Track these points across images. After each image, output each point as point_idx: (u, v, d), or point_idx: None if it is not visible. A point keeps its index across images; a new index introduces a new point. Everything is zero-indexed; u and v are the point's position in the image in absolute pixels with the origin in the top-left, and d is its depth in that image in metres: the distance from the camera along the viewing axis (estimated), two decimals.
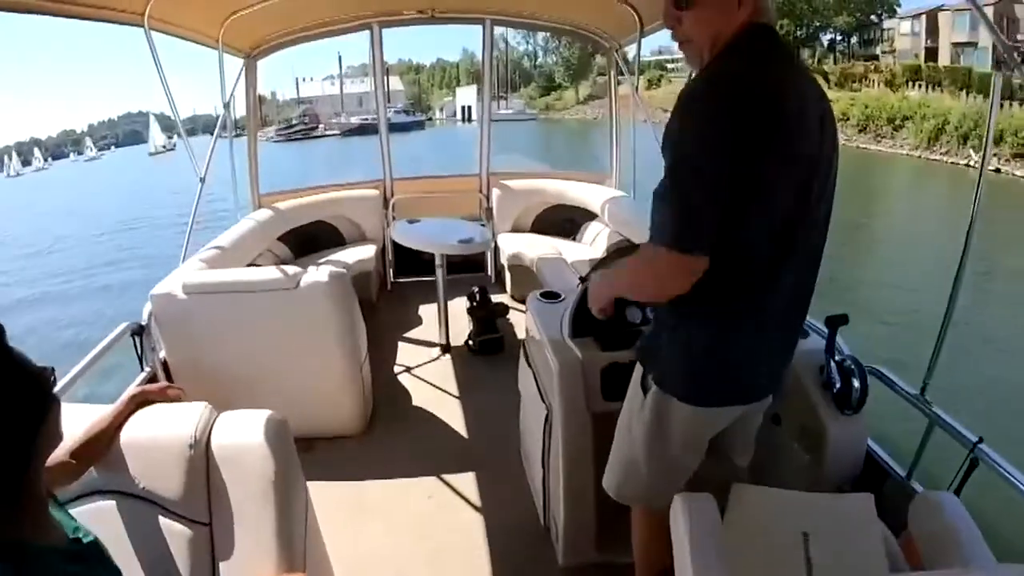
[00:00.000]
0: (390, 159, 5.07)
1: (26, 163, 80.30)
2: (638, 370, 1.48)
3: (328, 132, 54.77)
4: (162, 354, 2.80)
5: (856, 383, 1.75)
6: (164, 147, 67.28)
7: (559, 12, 4.61)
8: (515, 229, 5.03)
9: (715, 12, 1.19)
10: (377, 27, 4.59)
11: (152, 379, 2.74)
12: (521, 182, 5.06)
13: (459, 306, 4.08)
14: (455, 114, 66.63)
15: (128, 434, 1.48)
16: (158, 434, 1.49)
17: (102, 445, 1.45)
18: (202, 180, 3.59)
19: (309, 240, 4.70)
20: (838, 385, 1.79)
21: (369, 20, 4.55)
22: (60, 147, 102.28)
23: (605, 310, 1.53)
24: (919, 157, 26.42)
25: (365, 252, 4.57)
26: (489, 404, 3.23)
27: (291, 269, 2.74)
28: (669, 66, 55.15)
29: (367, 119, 53.14)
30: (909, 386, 1.88)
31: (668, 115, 1.16)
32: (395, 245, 4.67)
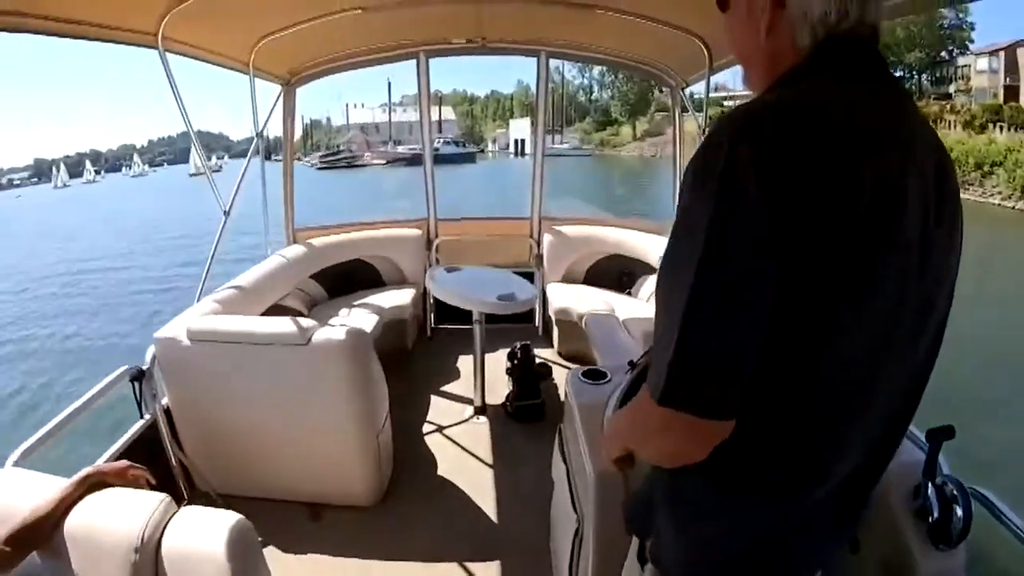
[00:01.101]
0: (435, 198, 4.93)
1: (77, 175, 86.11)
2: (634, 541, 1.17)
3: (374, 161, 55.86)
4: (164, 400, 2.73)
5: (959, 511, 1.40)
6: (199, 170, 71.28)
7: (620, 46, 4.40)
8: (566, 279, 4.78)
9: (739, 23, 0.90)
10: (424, 56, 4.47)
11: (152, 426, 2.66)
12: (575, 229, 4.81)
13: (500, 359, 3.87)
14: (507, 147, 67.53)
15: (75, 521, 1.36)
16: (105, 527, 1.36)
17: (45, 530, 1.34)
18: (226, 213, 3.48)
19: (345, 279, 4.60)
20: (936, 514, 1.44)
21: (416, 49, 4.44)
22: (119, 160, 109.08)
23: (622, 462, 1.13)
24: (1013, 208, 24.98)
25: (403, 296, 4.43)
26: (523, 481, 2.98)
27: (305, 322, 2.58)
28: (726, 103, 55.03)
29: (415, 149, 54.46)
30: (1021, 518, 1.52)
31: None
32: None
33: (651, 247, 4.40)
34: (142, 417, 2.64)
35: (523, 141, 63.08)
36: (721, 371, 0.72)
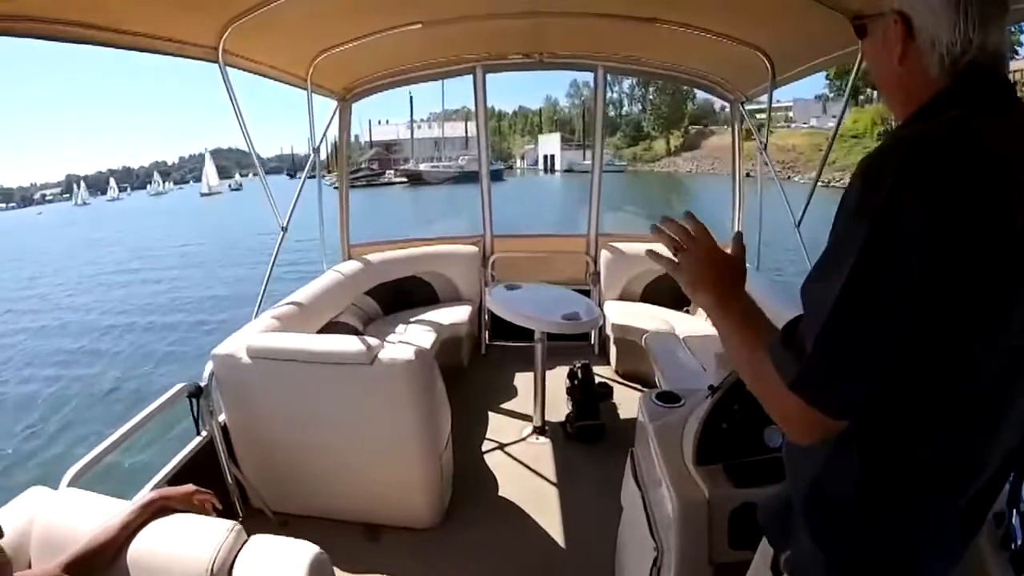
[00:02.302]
0: (491, 214, 5.04)
1: (102, 192, 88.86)
2: (765, 548, 1.17)
3: (395, 180, 55.69)
4: (221, 417, 2.78)
5: None
6: (212, 189, 72.48)
7: (678, 59, 4.47)
8: (623, 297, 4.84)
9: (875, 51, 0.98)
10: (481, 70, 4.61)
11: (208, 443, 2.71)
12: (632, 246, 4.85)
13: (557, 377, 3.91)
14: (536, 163, 67.64)
15: (139, 548, 1.33)
16: (171, 554, 1.34)
17: (108, 556, 1.31)
18: (284, 229, 3.60)
19: (400, 296, 4.72)
20: (1019, 543, 1.43)
21: (473, 63, 4.58)
22: (149, 177, 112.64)
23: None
24: None
25: (459, 313, 4.51)
26: (584, 503, 3.00)
27: (370, 341, 2.59)
28: (759, 116, 54.34)
29: (437, 167, 54.64)
30: None
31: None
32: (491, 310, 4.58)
33: None
34: (199, 434, 2.71)
35: (553, 157, 63.14)
36: (847, 378, 0.81)
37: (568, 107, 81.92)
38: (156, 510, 1.43)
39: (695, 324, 4.23)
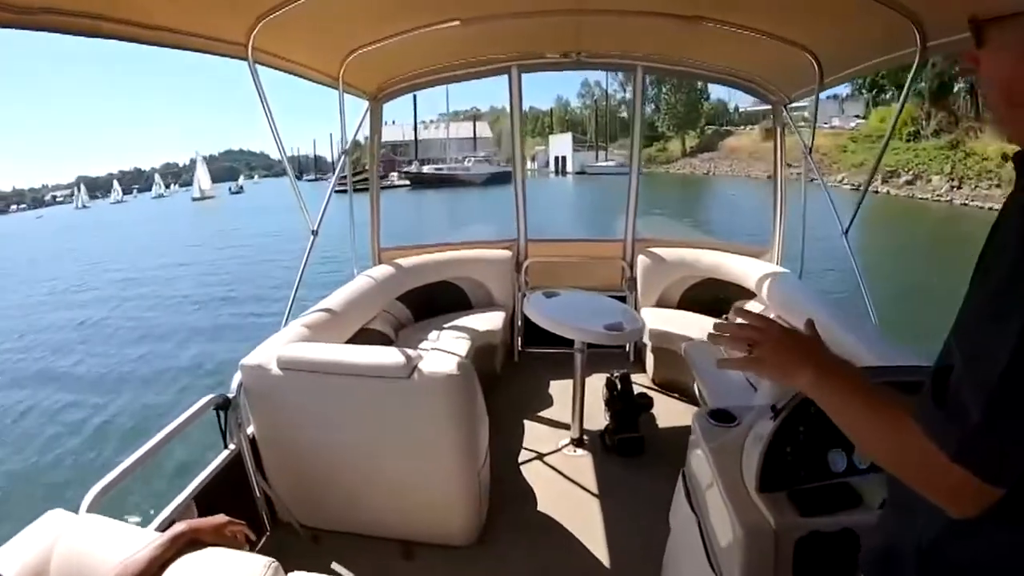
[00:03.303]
0: (525, 218, 5.02)
1: (105, 195, 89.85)
2: None
3: (397, 183, 54.67)
4: (250, 429, 2.76)
5: None
6: (204, 194, 71.72)
7: (720, 59, 4.43)
8: (660, 304, 4.82)
9: (1007, 59, 0.81)
10: (516, 70, 4.60)
11: (236, 457, 2.68)
12: (671, 251, 4.85)
13: (593, 386, 3.86)
14: (547, 164, 67.31)
15: None
16: None
17: None
18: (314, 233, 3.57)
19: (432, 302, 4.71)
20: None
21: (508, 63, 4.57)
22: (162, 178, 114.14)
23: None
24: None
25: (493, 320, 4.51)
26: (626, 520, 2.97)
27: (409, 352, 2.52)
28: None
29: (441, 168, 54.06)
30: None
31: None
32: (524, 316, 4.55)
33: (749, 271, 4.42)
34: (226, 447, 2.68)
35: (564, 159, 62.88)
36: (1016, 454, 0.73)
37: (580, 108, 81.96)
38: (185, 543, 1.38)
39: None
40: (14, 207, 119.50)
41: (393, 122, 68.42)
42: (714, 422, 1.95)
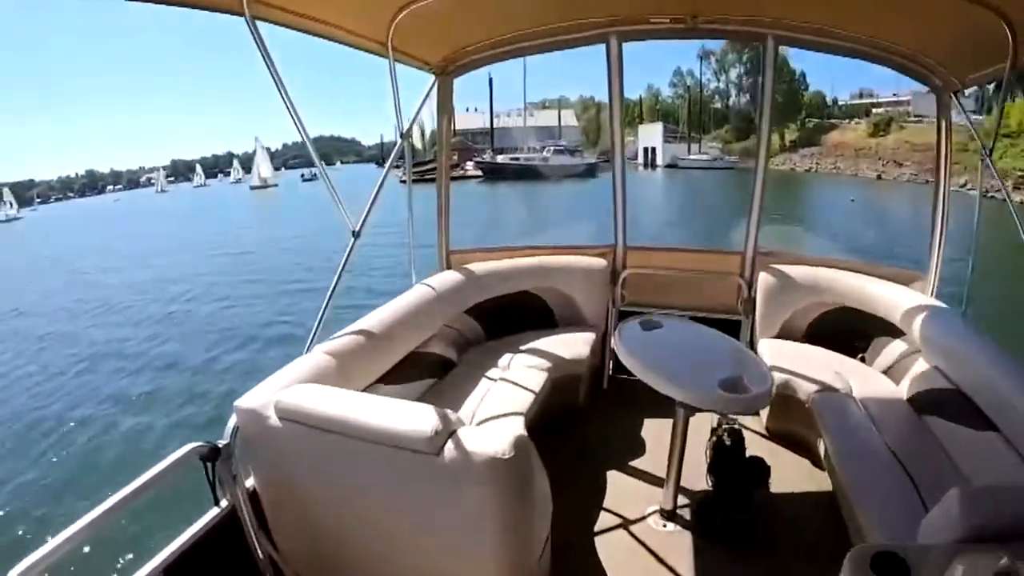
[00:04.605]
0: (625, 220, 4.40)
1: (185, 180, 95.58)
2: None
3: (470, 173, 52.23)
4: (249, 482, 2.33)
5: None
6: (267, 182, 72.87)
7: (874, 32, 3.57)
8: (782, 335, 4.09)
9: None
10: (616, 39, 3.91)
11: (230, 514, 2.26)
12: (800, 270, 4.09)
13: (695, 429, 3.04)
14: (636, 156, 65.25)
15: None
16: None
17: None
18: (355, 234, 3.00)
19: (508, 316, 4.21)
20: None
21: (606, 30, 3.88)
22: (250, 161, 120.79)
23: None
24: None
25: (580, 343, 3.94)
26: None
27: (443, 418, 1.93)
28: (876, 110, 50.11)
29: (518, 158, 51.81)
30: None
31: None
32: None
33: (896, 302, 3.61)
34: (217, 504, 2.25)
35: (654, 150, 60.91)
36: None
37: (671, 97, 79.55)
38: None
39: (875, 381, 3.47)
40: (110, 188, 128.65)
41: (475, 109, 67.59)
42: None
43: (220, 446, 2.21)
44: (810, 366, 3.53)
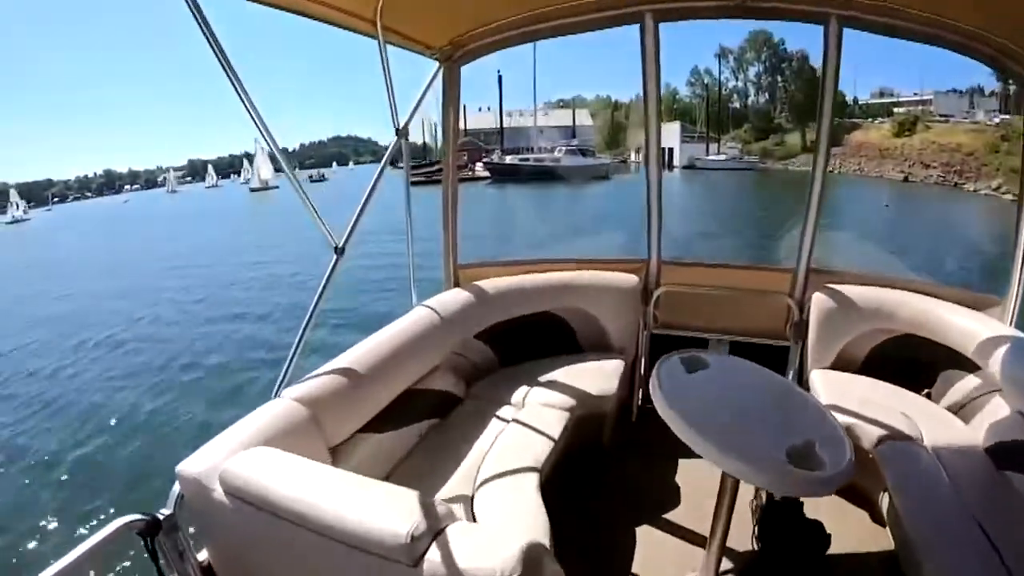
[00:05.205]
0: (660, 231, 3.90)
1: (201, 179, 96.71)
2: None
3: (479, 174, 50.53)
4: (203, 555, 2.00)
5: None
6: (268, 184, 71.22)
7: (951, 11, 3.07)
8: (838, 365, 3.58)
9: None
10: (651, 18, 3.41)
11: None
12: (861, 291, 3.59)
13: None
14: None
15: None
16: None
17: None
18: (339, 251, 2.63)
19: (525, 341, 3.76)
20: None
21: (639, 7, 3.39)
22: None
23: None
24: None
25: (608, 374, 3.48)
26: None
27: (424, 516, 1.52)
28: (897, 109, 48.90)
29: (528, 159, 50.17)
30: None
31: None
32: (650, 361, 3.60)
33: (969, 330, 3.12)
34: None
35: (671, 151, 59.94)
36: None
37: (689, 96, 78.69)
38: None
39: (947, 425, 2.99)
40: (127, 187, 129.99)
41: (488, 109, 66.35)
42: None
43: (162, 518, 1.88)
44: (873, 406, 3.04)
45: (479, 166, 52.14)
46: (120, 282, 21.02)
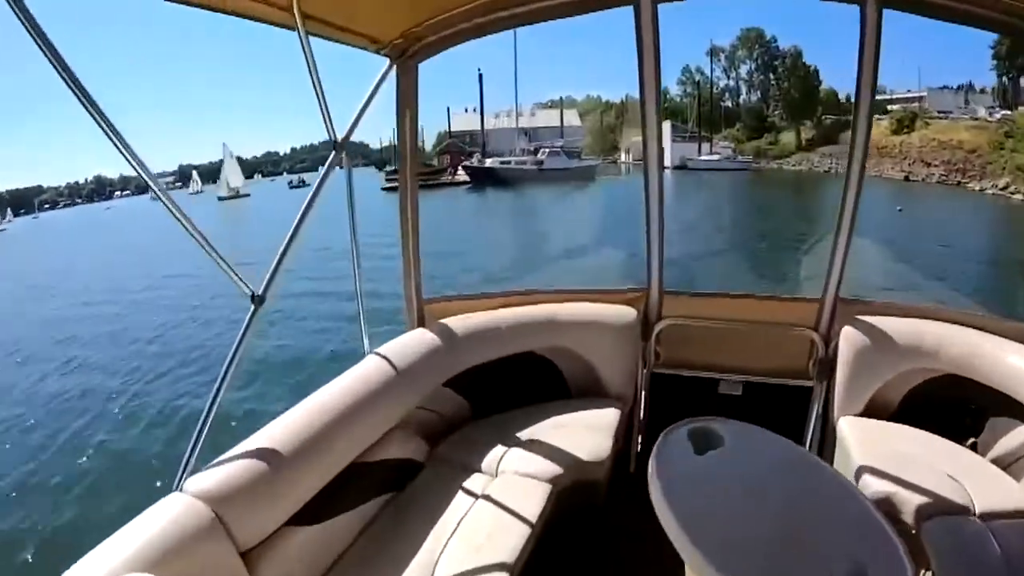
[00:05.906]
0: (662, 257, 3.39)
1: (184, 186, 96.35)
2: None
3: (458, 179, 49.43)
4: None
5: None
6: (239, 192, 69.75)
7: None
8: (870, 411, 3.08)
9: None
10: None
11: None
12: (897, 323, 3.11)
13: None
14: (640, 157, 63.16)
15: None
16: None
17: None
18: (258, 300, 2.15)
19: (504, 387, 3.28)
20: None
21: None
22: (263, 167, 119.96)
23: None
24: None
25: (601, 429, 3.01)
26: None
27: None
28: (891, 107, 48.65)
29: (509, 162, 49.11)
30: None
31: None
32: (651, 404, 3.22)
33: (1018, 367, 2.64)
34: None
35: (662, 151, 59.35)
36: None
37: (679, 95, 78.46)
38: None
39: (997, 483, 2.51)
40: (118, 194, 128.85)
41: (474, 110, 64.77)
42: None
43: None
44: (915, 467, 2.56)
45: (459, 171, 51.37)
46: None
